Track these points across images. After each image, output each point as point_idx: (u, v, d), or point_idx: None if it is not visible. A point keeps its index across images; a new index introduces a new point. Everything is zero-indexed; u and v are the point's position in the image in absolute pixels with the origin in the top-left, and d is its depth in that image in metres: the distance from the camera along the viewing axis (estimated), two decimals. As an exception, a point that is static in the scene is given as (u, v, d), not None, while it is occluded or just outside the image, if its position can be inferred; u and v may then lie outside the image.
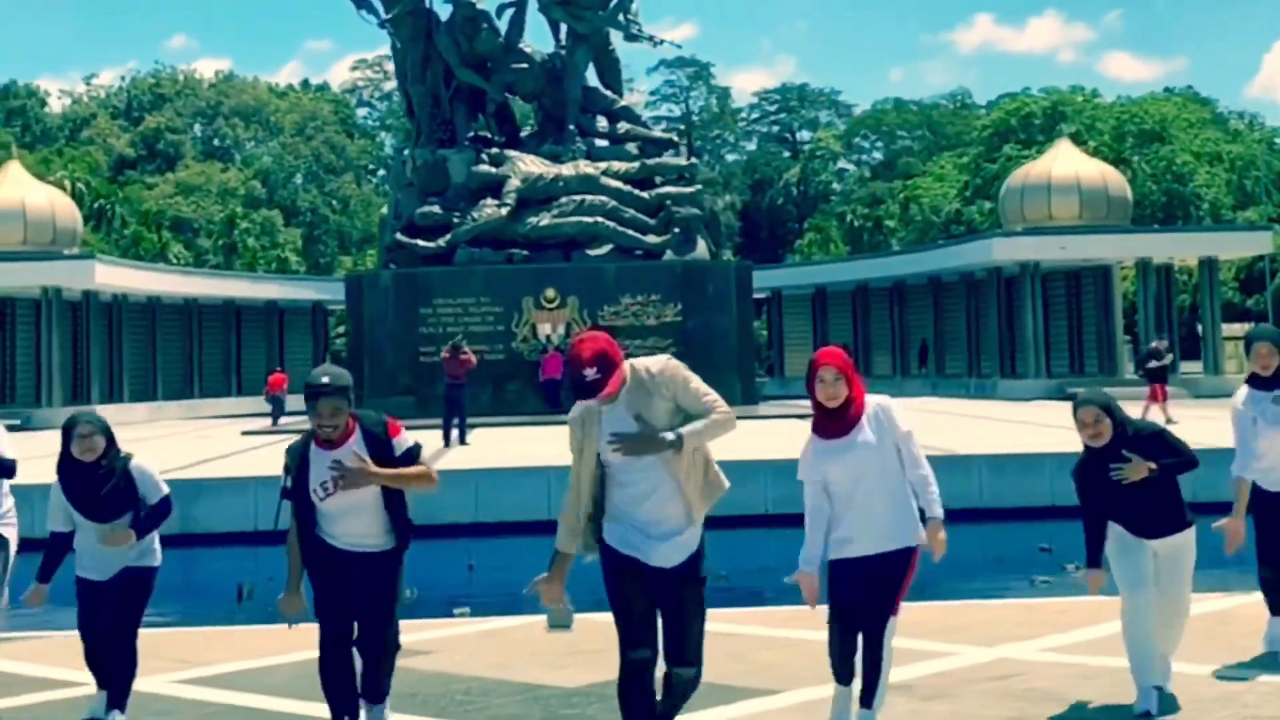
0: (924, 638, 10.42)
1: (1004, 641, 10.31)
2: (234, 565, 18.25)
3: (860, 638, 7.31)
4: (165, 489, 8.52)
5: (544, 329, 38.27)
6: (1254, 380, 9.45)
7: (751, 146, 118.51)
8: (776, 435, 24.89)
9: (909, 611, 12.10)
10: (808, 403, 7.50)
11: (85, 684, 9.01)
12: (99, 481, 8.25)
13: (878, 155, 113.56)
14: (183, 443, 33.02)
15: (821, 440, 7.40)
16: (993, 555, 19.79)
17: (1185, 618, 8.61)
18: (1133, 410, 30.56)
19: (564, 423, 6.96)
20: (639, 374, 6.67)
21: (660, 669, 6.73)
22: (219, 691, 9.40)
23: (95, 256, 51.82)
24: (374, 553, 7.29)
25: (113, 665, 8.41)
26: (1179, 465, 8.27)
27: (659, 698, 6.70)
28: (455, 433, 28.37)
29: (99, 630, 8.40)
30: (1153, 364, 32.99)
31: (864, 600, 7.27)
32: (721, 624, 11.38)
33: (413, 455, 7.25)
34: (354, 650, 7.38)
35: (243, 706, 8.87)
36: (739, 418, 7.09)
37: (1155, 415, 30.97)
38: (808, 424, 7.57)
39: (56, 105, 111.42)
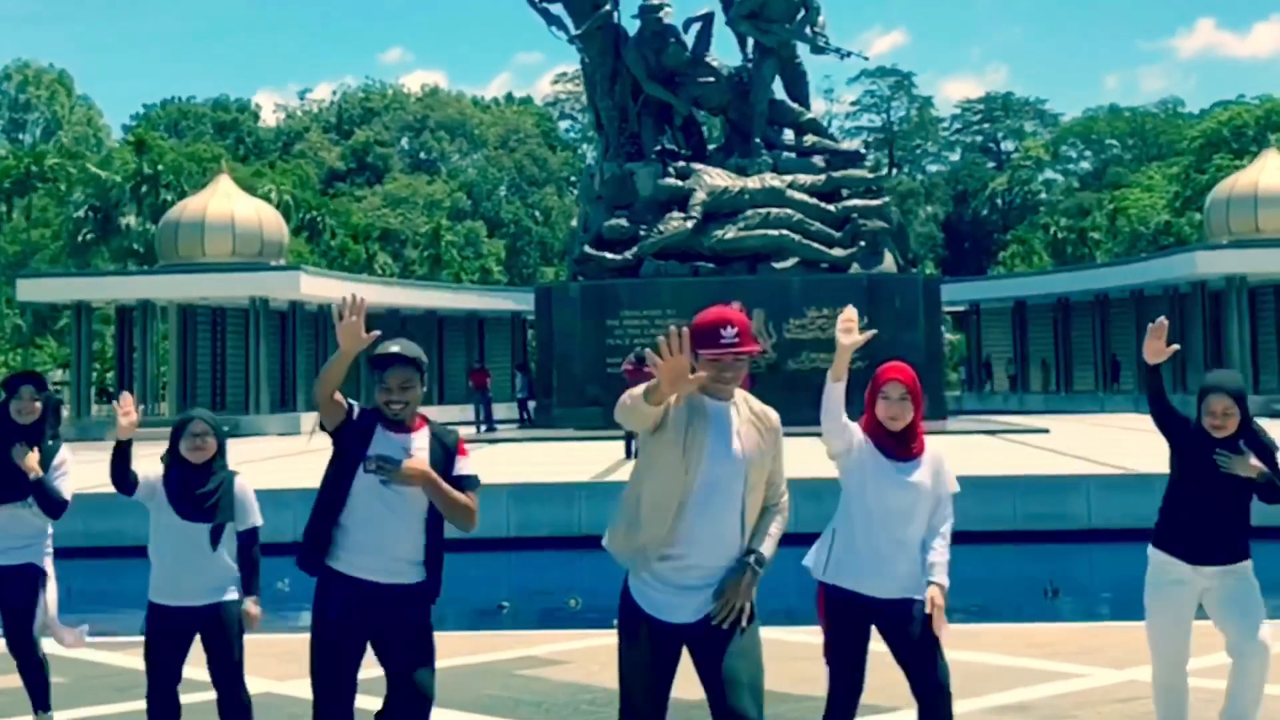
0: (1056, 659, 10.28)
1: (1137, 664, 10.10)
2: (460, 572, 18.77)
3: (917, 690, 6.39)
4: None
5: (730, 342, 38.12)
6: None
7: (954, 157, 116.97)
8: (968, 451, 24.57)
9: (1043, 633, 12.00)
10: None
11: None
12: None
13: (1086, 165, 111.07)
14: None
15: (881, 454, 6.52)
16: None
17: (1266, 670, 7.27)
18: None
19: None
20: (750, 402, 5.88)
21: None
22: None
23: (300, 268, 53.39)
24: (406, 585, 6.27)
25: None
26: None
27: None
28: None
29: None
30: None
31: (899, 647, 6.40)
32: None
33: (468, 485, 6.36)
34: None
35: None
36: (929, 432, 6.76)
37: None
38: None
39: (270, 119, 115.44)
